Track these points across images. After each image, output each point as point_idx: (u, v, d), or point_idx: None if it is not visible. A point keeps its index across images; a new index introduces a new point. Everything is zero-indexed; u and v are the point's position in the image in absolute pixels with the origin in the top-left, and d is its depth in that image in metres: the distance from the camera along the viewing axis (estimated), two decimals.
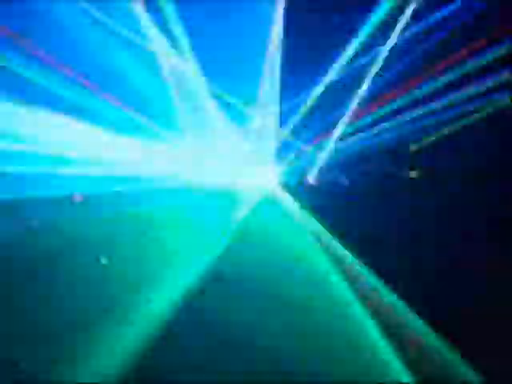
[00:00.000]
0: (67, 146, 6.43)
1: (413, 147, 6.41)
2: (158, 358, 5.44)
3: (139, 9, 6.14)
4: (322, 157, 6.58)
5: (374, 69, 6.25)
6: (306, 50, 6.28)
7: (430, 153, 6.34)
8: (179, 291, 6.00)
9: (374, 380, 5.16)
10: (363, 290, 5.88)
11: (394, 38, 6.13)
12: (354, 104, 6.38)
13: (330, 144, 6.56)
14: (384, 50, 6.18)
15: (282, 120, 6.70)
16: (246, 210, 6.54)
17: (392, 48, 6.17)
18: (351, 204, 6.39)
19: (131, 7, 6.15)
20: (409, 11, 5.98)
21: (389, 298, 5.83)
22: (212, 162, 6.68)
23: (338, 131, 6.51)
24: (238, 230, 6.35)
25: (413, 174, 6.44)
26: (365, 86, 6.32)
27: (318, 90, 6.47)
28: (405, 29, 6.10)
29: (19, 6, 5.92)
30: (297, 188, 6.65)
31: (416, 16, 6.06)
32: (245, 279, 6.09)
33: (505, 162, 6.04)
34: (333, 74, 6.38)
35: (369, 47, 6.25)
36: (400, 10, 6.02)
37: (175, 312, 5.85)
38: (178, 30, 6.26)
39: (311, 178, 6.60)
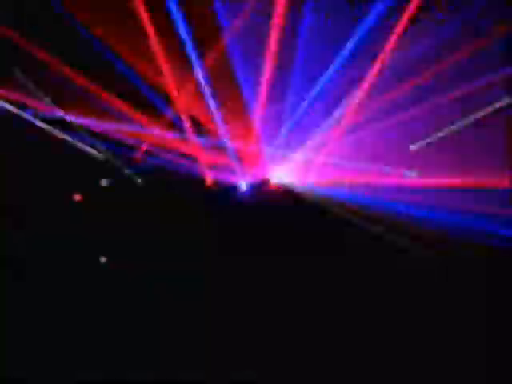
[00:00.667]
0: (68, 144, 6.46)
1: (413, 147, 6.41)
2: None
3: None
4: (322, 157, 6.58)
5: (374, 69, 6.24)
6: (306, 49, 6.29)
7: (430, 153, 6.33)
8: (177, 290, 6.03)
9: None
10: None
11: (393, 38, 6.13)
12: (353, 104, 6.39)
13: (329, 144, 6.56)
14: (383, 50, 6.17)
15: (283, 120, 6.70)
16: (245, 210, 6.55)
17: (392, 48, 6.16)
18: (350, 203, 6.40)
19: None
20: (409, 11, 5.98)
21: None
22: (212, 162, 6.68)
23: (337, 131, 6.51)
24: (237, 229, 6.37)
25: (413, 174, 6.44)
26: (364, 86, 6.31)
27: (318, 89, 6.48)
28: (405, 28, 6.09)
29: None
30: (296, 187, 6.66)
31: (416, 16, 6.06)
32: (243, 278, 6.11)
33: (504, 162, 6.05)
34: (333, 74, 6.39)
35: (368, 47, 6.24)
36: (400, 10, 6.02)
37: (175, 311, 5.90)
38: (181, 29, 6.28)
39: (310, 178, 6.61)
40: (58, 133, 6.37)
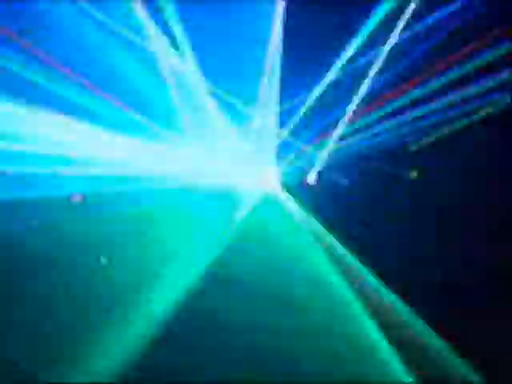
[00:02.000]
0: (67, 145, 6.43)
1: (413, 147, 6.40)
2: (158, 359, 5.45)
3: (139, 8, 6.15)
4: (322, 157, 6.57)
5: (374, 68, 6.24)
6: (306, 49, 6.28)
7: (430, 153, 6.33)
8: (179, 291, 6.01)
9: (375, 380, 5.17)
10: (363, 290, 5.88)
11: (394, 38, 6.13)
12: (354, 104, 6.38)
13: (330, 144, 6.56)
14: (384, 50, 6.18)
15: (282, 120, 6.70)
16: (245, 211, 6.55)
17: (392, 48, 6.17)
18: (351, 204, 6.40)
19: (131, 7, 6.15)
20: (409, 11, 5.98)
21: (389, 298, 5.84)
22: (212, 162, 6.67)
23: (338, 131, 6.50)
24: (238, 230, 6.36)
25: (413, 174, 6.44)
26: (365, 86, 6.31)
27: (318, 89, 6.47)
28: (405, 28, 6.10)
29: (19, 6, 5.94)
30: (297, 188, 6.65)
31: (416, 15, 6.06)
32: (245, 280, 6.09)
33: (505, 163, 6.05)
34: (333, 73, 6.38)
35: (369, 47, 6.25)
36: (400, 9, 6.02)
37: (175, 312, 5.87)
38: (178, 29, 6.27)
39: (311, 178, 6.60)
40: None
